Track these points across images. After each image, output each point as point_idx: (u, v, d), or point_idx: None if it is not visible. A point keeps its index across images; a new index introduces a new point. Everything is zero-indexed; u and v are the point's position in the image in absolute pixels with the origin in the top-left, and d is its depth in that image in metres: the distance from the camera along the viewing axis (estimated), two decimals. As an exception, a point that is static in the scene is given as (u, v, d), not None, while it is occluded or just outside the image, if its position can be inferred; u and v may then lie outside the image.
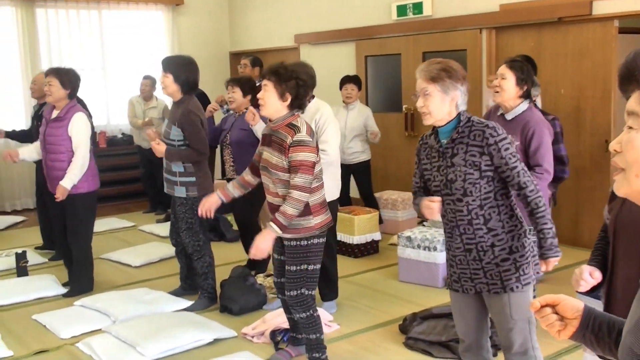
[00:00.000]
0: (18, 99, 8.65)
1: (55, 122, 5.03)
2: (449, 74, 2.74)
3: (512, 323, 2.83)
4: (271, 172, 3.48)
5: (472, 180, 2.73)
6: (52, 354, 4.12)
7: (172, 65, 4.65)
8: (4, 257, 6.19)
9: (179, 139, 4.63)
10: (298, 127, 3.45)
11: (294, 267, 3.56)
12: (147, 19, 9.67)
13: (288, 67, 3.51)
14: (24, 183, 8.74)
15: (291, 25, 9.10)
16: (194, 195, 4.66)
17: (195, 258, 4.79)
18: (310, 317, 3.61)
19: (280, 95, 3.44)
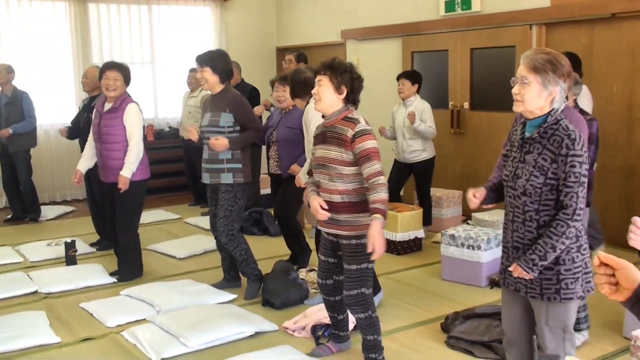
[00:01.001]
0: (69, 93, 8.84)
1: (109, 113, 5.17)
2: (554, 67, 2.64)
3: (546, 329, 2.80)
4: (330, 167, 3.45)
5: (535, 184, 2.67)
6: (97, 341, 4.21)
7: (207, 59, 4.76)
8: (54, 246, 6.34)
9: (229, 125, 4.72)
10: (356, 118, 3.46)
11: (354, 265, 3.52)
12: (195, 14, 9.78)
13: (341, 61, 3.50)
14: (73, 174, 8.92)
15: (338, 20, 9.08)
16: (240, 181, 4.76)
17: (231, 248, 4.86)
18: (369, 317, 3.58)
19: (335, 88, 3.44)
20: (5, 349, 4.03)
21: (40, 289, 5.16)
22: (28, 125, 7.37)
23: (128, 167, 5.09)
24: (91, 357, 3.93)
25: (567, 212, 2.63)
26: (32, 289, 5.16)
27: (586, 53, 6.23)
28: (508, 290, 2.90)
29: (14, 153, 7.40)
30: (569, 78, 2.69)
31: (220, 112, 4.73)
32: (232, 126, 4.74)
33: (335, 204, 3.47)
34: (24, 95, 7.40)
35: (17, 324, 4.34)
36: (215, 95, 4.83)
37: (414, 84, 6.46)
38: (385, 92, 8.26)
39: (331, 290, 3.77)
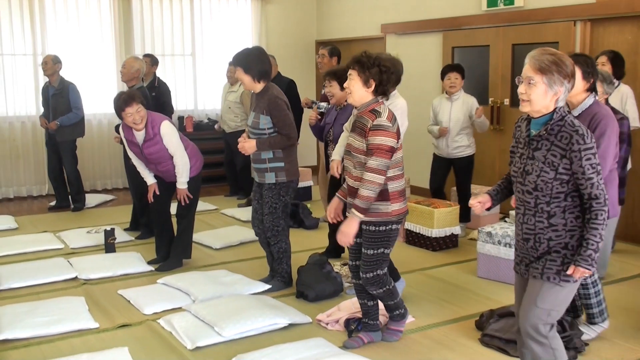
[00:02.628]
0: (112, 83, 8.99)
1: (148, 142, 5.19)
2: (559, 68, 2.72)
3: (532, 308, 2.88)
4: (354, 155, 3.65)
5: (545, 179, 2.77)
6: (134, 328, 4.28)
7: (240, 58, 4.71)
8: (94, 234, 6.47)
9: (269, 127, 4.68)
10: (380, 112, 3.60)
11: (371, 250, 3.73)
12: (235, 7, 9.84)
13: (370, 54, 3.63)
14: (115, 163, 9.10)
15: (378, 14, 9.05)
16: (282, 180, 4.75)
17: (272, 242, 4.87)
18: (387, 290, 3.86)
19: (364, 82, 3.60)
20: (47, 332, 4.13)
21: (80, 275, 5.27)
22: (74, 117, 7.50)
23: (181, 180, 5.25)
24: (128, 343, 3.99)
25: (599, 201, 2.73)
26: (72, 275, 5.27)
27: (632, 51, 6.10)
28: (522, 279, 3.03)
29: (61, 142, 7.55)
30: (573, 78, 2.77)
31: (259, 114, 4.70)
32: (271, 127, 4.68)
33: (356, 190, 3.64)
34: (70, 86, 7.53)
35: (57, 308, 4.44)
36: (257, 94, 4.77)
37: (463, 77, 6.36)
38: (425, 88, 8.21)
39: (359, 272, 3.89)
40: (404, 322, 4.08)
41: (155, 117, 5.22)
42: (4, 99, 8.45)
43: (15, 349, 3.95)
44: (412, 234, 6.18)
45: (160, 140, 5.16)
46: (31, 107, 8.59)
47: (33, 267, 5.38)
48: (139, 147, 5.22)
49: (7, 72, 8.43)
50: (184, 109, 9.49)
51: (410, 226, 6.16)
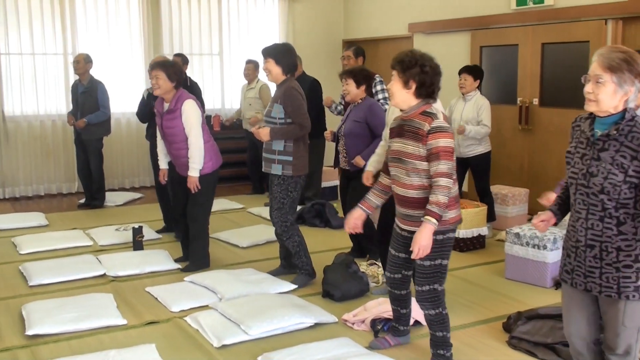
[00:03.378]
0: (140, 82, 9.07)
1: (168, 114, 5.19)
2: (630, 67, 2.56)
3: (621, 329, 2.71)
4: (406, 161, 3.41)
5: (613, 182, 2.59)
6: (162, 325, 4.31)
7: (272, 51, 4.83)
8: (122, 231, 6.54)
9: (281, 117, 4.76)
10: (434, 114, 3.39)
11: (428, 262, 3.47)
12: (263, 7, 9.87)
13: (413, 54, 3.42)
14: (143, 161, 9.18)
15: (405, 13, 9.01)
16: (288, 174, 4.80)
17: (285, 238, 4.93)
18: (440, 314, 3.57)
19: (404, 83, 3.39)
20: (76, 328, 4.18)
21: (108, 272, 5.33)
22: (102, 115, 7.59)
23: (193, 167, 5.13)
24: (155, 340, 4.03)
25: None
26: (100, 271, 5.33)
27: (665, 49, 6.00)
28: (575, 291, 2.82)
29: (87, 140, 7.65)
30: None
31: (274, 103, 4.82)
32: (283, 118, 4.76)
33: (411, 199, 3.45)
34: (99, 85, 7.61)
35: (86, 305, 4.50)
36: (277, 87, 4.92)
37: (476, 79, 6.37)
38: (453, 88, 8.13)
39: (398, 284, 3.77)
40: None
41: (184, 94, 5.22)
42: (35, 98, 8.57)
43: (45, 344, 4.01)
44: (438, 234, 6.13)
45: (180, 116, 5.13)
46: (61, 106, 8.71)
47: (63, 264, 5.45)
48: (162, 119, 5.25)
49: (39, 71, 8.55)
50: (211, 108, 9.53)
51: (437, 226, 6.11)
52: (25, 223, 7.00)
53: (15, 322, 4.35)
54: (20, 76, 8.47)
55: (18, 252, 5.99)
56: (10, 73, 8.41)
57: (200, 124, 5.17)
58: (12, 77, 8.43)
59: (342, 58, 6.75)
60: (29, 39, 8.43)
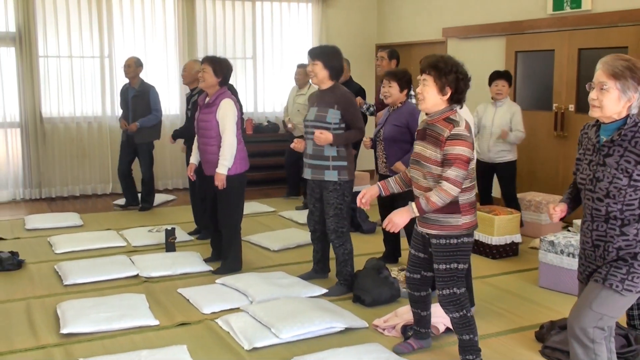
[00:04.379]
0: (175, 86, 9.18)
1: (206, 108, 5.30)
2: (633, 73, 2.68)
3: (586, 310, 2.81)
4: (423, 165, 3.46)
5: (618, 185, 2.71)
6: (193, 327, 4.34)
7: (320, 53, 4.79)
8: (155, 232, 6.61)
9: (336, 122, 4.72)
10: (457, 121, 3.40)
11: (443, 265, 3.53)
12: (296, 11, 9.91)
13: (447, 61, 3.43)
14: (176, 164, 9.27)
15: (439, 18, 8.96)
16: (345, 179, 4.77)
17: (337, 244, 4.87)
18: (464, 317, 3.56)
19: (440, 89, 3.40)
20: (109, 328, 4.23)
21: (141, 272, 5.39)
22: (154, 119, 7.64)
23: (222, 163, 5.16)
24: (187, 341, 4.06)
25: None
26: (133, 272, 5.39)
27: None
28: (583, 288, 2.95)
29: (139, 145, 7.72)
30: None
31: (328, 108, 4.74)
32: (338, 123, 4.72)
33: None
34: (150, 89, 7.67)
35: (119, 305, 4.55)
36: (323, 90, 4.84)
37: (510, 84, 6.38)
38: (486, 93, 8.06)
39: (417, 284, 3.80)
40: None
41: (226, 92, 5.32)
42: (72, 100, 8.71)
43: (78, 343, 4.07)
44: (471, 240, 6.07)
45: (215, 111, 5.20)
46: (97, 108, 8.84)
47: (97, 264, 5.53)
48: (200, 112, 5.34)
49: (76, 74, 8.69)
50: (244, 112, 9.58)
51: (470, 233, 6.06)
52: (61, 223, 7.12)
53: (50, 321, 4.42)
54: (57, 78, 8.62)
55: (54, 251, 6.09)
56: (48, 75, 8.57)
57: (234, 124, 5.22)
58: (50, 79, 8.58)
59: (376, 59, 6.73)
60: (66, 42, 8.58)
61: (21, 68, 8.37)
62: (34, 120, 8.49)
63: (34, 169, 8.61)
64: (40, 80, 8.50)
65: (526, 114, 6.84)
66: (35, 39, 8.36)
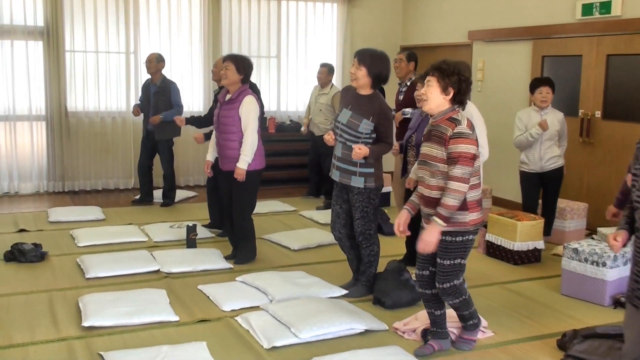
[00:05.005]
0: (198, 83, 9.21)
1: (227, 104, 5.35)
2: None
3: None
4: (431, 164, 3.63)
5: None
6: (213, 324, 4.35)
7: (368, 58, 4.60)
8: (176, 229, 6.63)
9: (367, 133, 4.61)
10: (459, 120, 3.59)
11: (447, 261, 3.71)
12: (322, 11, 9.90)
13: (450, 63, 3.63)
14: (198, 161, 9.31)
15: (465, 21, 8.90)
16: (371, 186, 4.73)
17: (364, 245, 4.85)
18: (464, 300, 3.84)
19: (442, 89, 3.59)
20: (129, 322, 4.25)
21: (162, 268, 5.41)
22: (176, 113, 7.67)
23: (243, 159, 5.27)
24: (207, 338, 4.06)
25: None
26: (154, 267, 5.42)
27: None
28: (637, 314, 2.74)
29: (159, 141, 7.76)
30: None
31: (362, 118, 4.59)
32: (369, 134, 4.62)
33: (433, 200, 3.64)
34: (172, 84, 7.71)
35: (140, 299, 4.57)
36: (362, 96, 4.67)
37: (554, 92, 6.22)
38: (511, 97, 8.02)
39: (427, 282, 3.88)
40: (477, 331, 4.05)
41: (248, 90, 5.39)
42: (97, 95, 8.78)
43: (99, 336, 4.09)
44: (493, 246, 6.03)
45: (237, 107, 5.26)
46: (122, 103, 8.90)
47: (118, 258, 5.56)
48: (220, 108, 5.39)
49: (101, 69, 8.76)
50: (267, 111, 9.59)
51: (492, 238, 6.01)
52: (83, 216, 7.17)
53: (72, 313, 4.45)
54: (83, 73, 8.69)
55: (76, 244, 6.14)
56: (74, 70, 8.64)
57: (257, 121, 5.30)
58: (75, 73, 8.66)
59: (395, 61, 6.65)
60: (93, 37, 8.64)
61: (48, 62, 8.46)
62: (59, 114, 8.57)
63: (58, 162, 8.69)
64: (67, 74, 8.58)
65: (552, 119, 6.77)
66: (62, 34, 8.44)
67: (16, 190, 8.59)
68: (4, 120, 8.41)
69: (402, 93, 6.36)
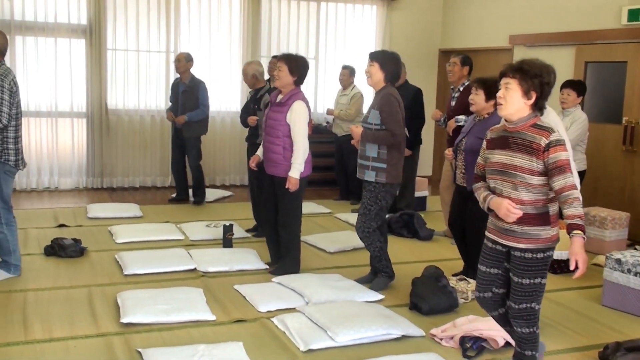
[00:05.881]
0: (237, 83, 9.25)
1: (277, 106, 5.20)
2: None
3: None
4: (513, 174, 3.29)
5: None
6: (249, 324, 4.35)
7: (379, 55, 4.91)
8: (212, 228, 6.66)
9: (377, 123, 4.81)
10: (550, 127, 3.27)
11: (527, 280, 3.36)
12: (361, 13, 9.87)
13: (532, 64, 3.31)
14: (234, 161, 9.37)
15: (506, 25, 8.80)
16: (382, 181, 4.79)
17: (366, 244, 4.96)
18: (533, 333, 3.47)
19: (524, 92, 3.27)
20: (167, 320, 4.28)
21: (198, 267, 5.43)
22: (201, 113, 7.76)
23: (296, 167, 5.08)
24: (243, 338, 4.06)
25: None
26: (191, 266, 5.44)
27: None
28: None
29: (187, 138, 7.84)
30: None
31: (371, 109, 4.89)
32: (379, 124, 4.81)
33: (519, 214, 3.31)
34: (200, 84, 7.79)
35: (177, 297, 4.60)
36: (376, 93, 4.99)
37: (579, 95, 6.20)
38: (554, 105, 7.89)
39: (490, 304, 3.60)
40: None
41: (300, 93, 5.19)
42: (137, 93, 8.88)
43: (137, 333, 4.12)
44: (531, 253, 5.93)
45: (286, 111, 5.10)
46: (161, 102, 8.98)
47: (156, 256, 5.60)
48: (270, 109, 5.29)
49: (142, 68, 8.85)
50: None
51: (531, 246, 5.91)
52: (121, 213, 7.25)
53: (111, 309, 4.49)
54: (124, 71, 8.79)
55: (114, 240, 6.20)
56: (115, 68, 8.75)
57: (306, 127, 5.16)
58: (117, 72, 8.77)
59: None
60: (134, 35, 8.74)
61: (90, 60, 8.58)
62: (99, 112, 8.68)
63: (97, 159, 8.81)
64: (108, 72, 8.69)
65: (594, 126, 6.66)
66: (104, 32, 8.56)
67: (56, 186, 8.72)
68: (46, 117, 8.55)
69: (454, 99, 6.32)
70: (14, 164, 4.88)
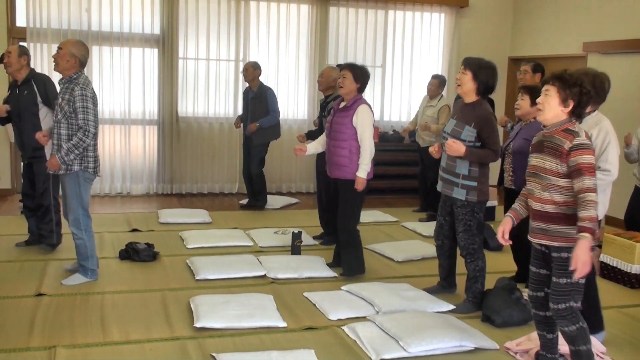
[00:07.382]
0: (303, 91, 9.32)
1: (342, 111, 5.36)
2: None
3: None
4: (542, 177, 3.48)
5: None
6: (320, 332, 4.36)
7: (474, 64, 4.64)
8: (280, 235, 6.72)
9: (471, 140, 4.60)
10: (576, 131, 3.42)
11: (564, 279, 3.48)
12: (429, 21, 9.80)
13: (573, 73, 3.49)
14: (301, 168, 9.43)
15: (579, 32, 8.58)
16: (473, 200, 4.65)
17: (468, 260, 4.78)
18: (581, 328, 3.53)
19: (562, 100, 3.43)
20: (239, 325, 4.33)
21: (268, 273, 5.48)
22: (272, 119, 7.86)
23: (363, 168, 5.26)
24: (314, 346, 4.07)
25: None
26: (261, 272, 5.50)
27: None
28: None
29: (254, 145, 7.95)
30: None
31: (464, 125, 4.62)
32: (472, 141, 4.59)
33: (547, 214, 3.49)
34: (268, 90, 7.90)
35: (249, 303, 4.65)
36: (466, 104, 4.70)
37: None
38: (629, 113, 7.64)
39: (542, 303, 3.70)
40: None
41: (363, 99, 5.39)
42: (206, 101, 9.05)
43: (210, 338, 4.18)
44: (608, 267, 5.75)
45: (351, 115, 5.25)
46: (229, 110, 9.13)
47: (226, 261, 5.68)
48: (334, 115, 5.42)
49: (212, 76, 9.02)
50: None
51: (607, 259, 5.74)
52: (191, 219, 7.39)
53: (184, 313, 4.58)
54: (195, 79, 8.98)
55: (185, 246, 6.32)
56: (186, 76, 8.94)
57: (372, 129, 5.30)
58: (187, 80, 8.96)
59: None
60: (205, 45, 8.92)
61: (162, 69, 8.79)
62: (170, 119, 8.89)
63: (167, 165, 9.01)
64: (179, 80, 8.89)
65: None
66: (176, 42, 8.76)
67: (128, 191, 8.96)
68: (120, 124, 8.80)
69: None
70: (93, 171, 5.05)
